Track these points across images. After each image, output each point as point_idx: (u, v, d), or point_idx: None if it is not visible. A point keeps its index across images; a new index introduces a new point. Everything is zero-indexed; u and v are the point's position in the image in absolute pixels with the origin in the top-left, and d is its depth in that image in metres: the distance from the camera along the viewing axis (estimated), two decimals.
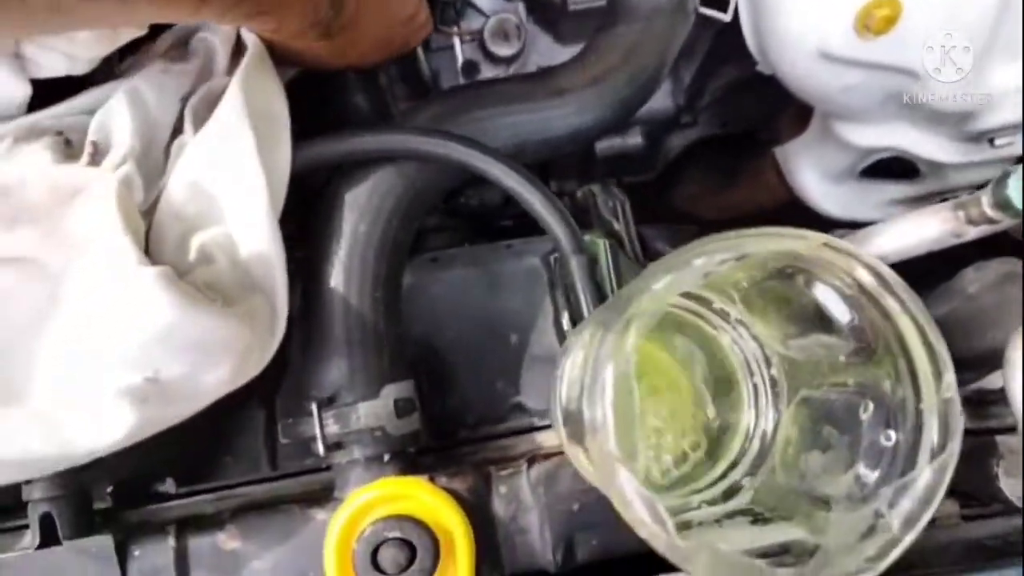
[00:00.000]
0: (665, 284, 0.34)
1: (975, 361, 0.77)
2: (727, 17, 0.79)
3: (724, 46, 1.05)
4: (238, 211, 0.57)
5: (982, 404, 0.74)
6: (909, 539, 0.35)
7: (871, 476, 0.37)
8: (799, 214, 1.14)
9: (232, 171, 0.57)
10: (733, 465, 0.46)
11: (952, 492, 0.75)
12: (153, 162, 0.58)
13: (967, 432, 0.75)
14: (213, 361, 0.54)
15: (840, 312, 0.38)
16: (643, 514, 0.31)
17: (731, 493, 0.44)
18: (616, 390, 0.32)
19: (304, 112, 0.66)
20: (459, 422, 0.75)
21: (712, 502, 0.43)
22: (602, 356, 0.32)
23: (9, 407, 0.51)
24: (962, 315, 0.85)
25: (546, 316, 0.76)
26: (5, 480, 0.55)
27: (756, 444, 0.46)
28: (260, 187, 0.57)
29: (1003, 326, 0.72)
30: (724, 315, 0.46)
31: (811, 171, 1.09)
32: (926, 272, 0.87)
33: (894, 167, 1.06)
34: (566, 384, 0.47)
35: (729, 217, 1.32)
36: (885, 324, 0.36)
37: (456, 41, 0.97)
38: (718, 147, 1.29)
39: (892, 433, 0.37)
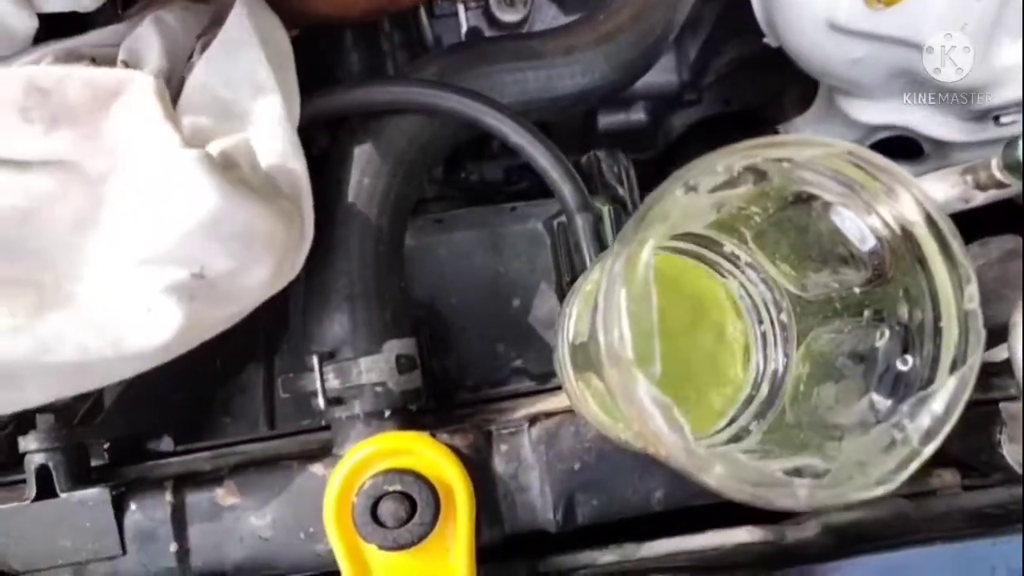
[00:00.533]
0: (688, 186, 0.33)
1: None
2: None
3: (729, 23, 1.04)
4: (254, 115, 0.57)
5: (985, 375, 0.74)
6: (929, 451, 0.34)
7: (885, 402, 0.36)
8: None
9: (243, 77, 0.58)
10: (739, 413, 0.46)
11: (953, 462, 0.75)
12: (173, 89, 0.58)
13: (970, 403, 0.75)
14: (255, 257, 0.54)
15: (857, 235, 0.38)
16: (659, 421, 0.30)
17: (738, 438, 0.44)
18: (633, 296, 0.31)
19: (301, 74, 0.65)
20: (460, 384, 0.74)
21: (717, 446, 0.43)
22: (618, 266, 0.32)
23: (61, 309, 0.50)
24: None
25: (549, 280, 0.75)
26: (68, 391, 0.54)
27: (765, 389, 0.45)
28: (272, 90, 0.57)
29: (1006, 302, 0.72)
30: (734, 259, 0.45)
31: None
32: None
33: (898, 147, 1.06)
34: (573, 321, 0.46)
35: None
36: (903, 241, 0.36)
37: (460, 8, 0.96)
38: (720, 127, 1.29)
39: (908, 357, 0.37)
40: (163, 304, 0.51)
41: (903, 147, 1.05)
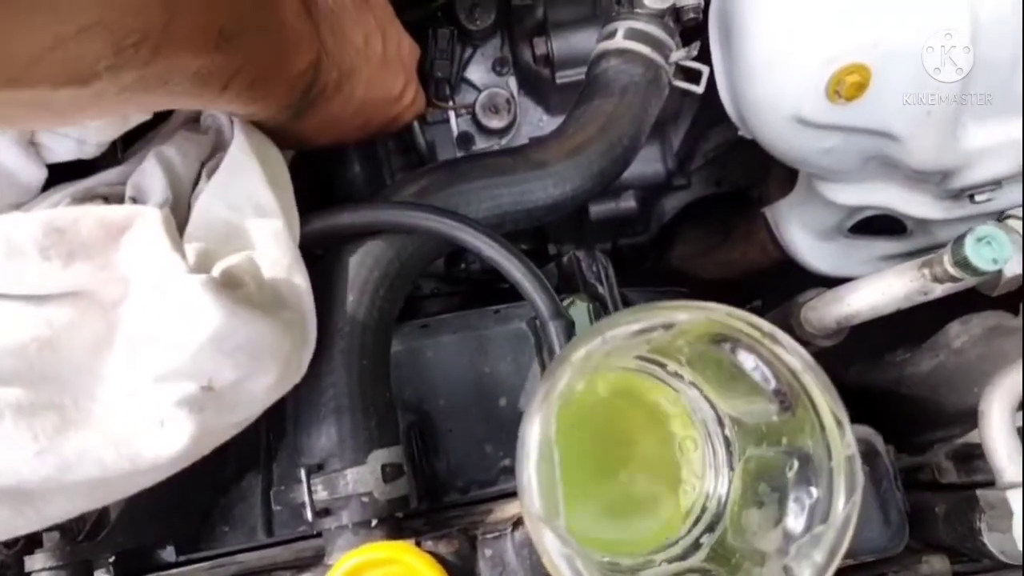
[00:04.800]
0: (581, 356, 0.36)
1: (961, 415, 0.78)
2: (700, 89, 0.82)
3: (711, 110, 1.09)
4: (257, 234, 0.62)
5: (968, 458, 0.75)
6: None
7: (796, 531, 0.38)
8: (794, 271, 1.16)
9: (246, 200, 0.62)
10: (695, 523, 0.47)
11: (942, 548, 0.75)
12: (180, 215, 0.63)
13: (953, 487, 0.75)
14: (261, 367, 0.58)
15: (761, 376, 0.40)
16: (565, 570, 0.33)
17: (690, 551, 0.45)
18: (539, 453, 0.34)
19: (305, 183, 0.70)
20: (449, 485, 0.76)
21: (671, 559, 0.45)
22: (527, 422, 0.35)
23: (81, 429, 0.54)
24: (948, 369, 0.86)
25: (534, 379, 0.78)
26: (87, 506, 0.57)
27: (714, 503, 0.47)
28: (273, 210, 0.62)
29: (989, 380, 0.73)
30: (679, 378, 0.48)
31: (800, 229, 1.11)
32: (914, 324, 0.89)
33: (883, 224, 1.08)
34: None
35: (725, 275, 1.34)
36: (796, 385, 0.38)
37: (451, 115, 1.02)
38: (713, 206, 1.32)
39: (813, 489, 0.39)
40: (175, 417, 0.55)
41: (889, 224, 1.08)
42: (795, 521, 0.38)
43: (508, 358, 0.78)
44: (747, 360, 0.40)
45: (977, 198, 0.94)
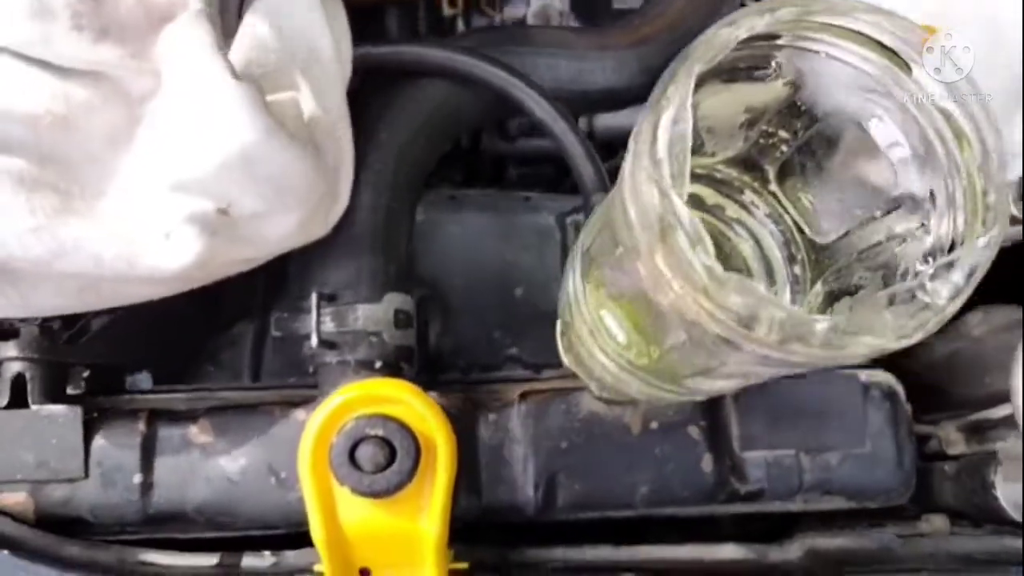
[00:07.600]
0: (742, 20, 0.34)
1: (971, 402, 0.76)
2: None
3: None
4: (306, 74, 0.57)
5: (978, 431, 0.74)
6: (952, 309, 0.33)
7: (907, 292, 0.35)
8: None
9: (299, 32, 0.58)
10: None
11: (944, 509, 0.73)
12: (226, 25, 0.58)
13: (966, 456, 0.74)
14: (285, 206, 0.54)
15: (888, 139, 0.37)
16: (683, 241, 0.29)
17: None
18: (674, 118, 0.31)
19: None
20: (451, 364, 0.73)
21: None
22: (660, 95, 0.32)
23: (82, 219, 0.50)
24: (965, 357, 0.84)
25: (555, 276, 0.75)
26: (76, 305, 0.55)
27: None
28: (327, 49, 0.58)
29: (1004, 370, 0.72)
30: (753, 208, 0.45)
31: None
32: None
33: None
34: (588, 238, 0.45)
35: None
36: (939, 129, 0.36)
37: (497, 21, 0.99)
38: None
39: (931, 258, 0.36)
40: (183, 232, 0.51)
41: None
42: (904, 287, 0.35)
43: (532, 250, 0.75)
44: (884, 122, 0.36)
45: None
